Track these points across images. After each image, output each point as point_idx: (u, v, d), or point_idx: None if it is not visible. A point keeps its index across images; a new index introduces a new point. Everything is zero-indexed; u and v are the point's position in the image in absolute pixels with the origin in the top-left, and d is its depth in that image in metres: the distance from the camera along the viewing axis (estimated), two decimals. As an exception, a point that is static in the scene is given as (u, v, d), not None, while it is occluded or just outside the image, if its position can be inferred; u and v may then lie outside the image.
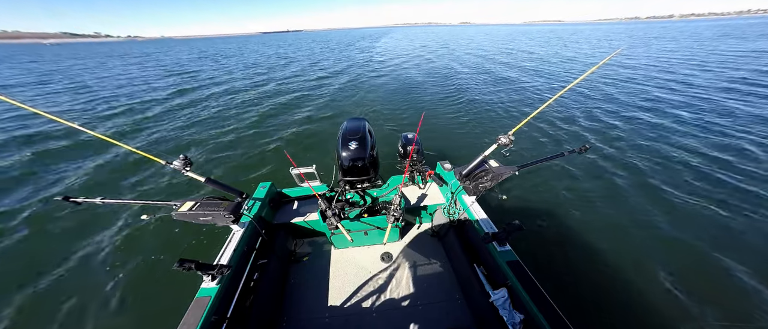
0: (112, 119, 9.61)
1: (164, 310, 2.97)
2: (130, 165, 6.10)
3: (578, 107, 8.64)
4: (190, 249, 3.79)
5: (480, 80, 13.14)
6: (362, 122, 2.88)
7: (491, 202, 4.17)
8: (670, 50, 20.83)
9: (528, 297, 1.67)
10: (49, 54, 47.63)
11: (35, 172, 6.00)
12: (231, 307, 1.96)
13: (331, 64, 20.64)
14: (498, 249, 1.99)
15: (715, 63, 14.76)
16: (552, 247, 3.51)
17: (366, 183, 2.71)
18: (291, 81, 15.06)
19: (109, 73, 20.78)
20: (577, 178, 4.91)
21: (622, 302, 2.89)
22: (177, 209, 2.02)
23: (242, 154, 6.54)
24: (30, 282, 3.40)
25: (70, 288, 3.32)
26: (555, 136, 6.72)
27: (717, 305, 2.79)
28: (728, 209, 3.98)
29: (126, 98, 12.49)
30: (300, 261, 2.79)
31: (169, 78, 17.40)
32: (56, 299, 3.19)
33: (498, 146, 2.26)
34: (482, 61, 18.90)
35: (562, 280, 3.06)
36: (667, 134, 6.51)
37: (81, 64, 27.91)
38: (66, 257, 3.76)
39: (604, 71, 13.44)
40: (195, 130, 8.22)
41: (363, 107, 9.89)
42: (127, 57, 36.84)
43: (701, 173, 4.88)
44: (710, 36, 31.34)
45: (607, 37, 38.69)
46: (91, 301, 3.16)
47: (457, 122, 8.05)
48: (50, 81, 17.69)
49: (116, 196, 5.12)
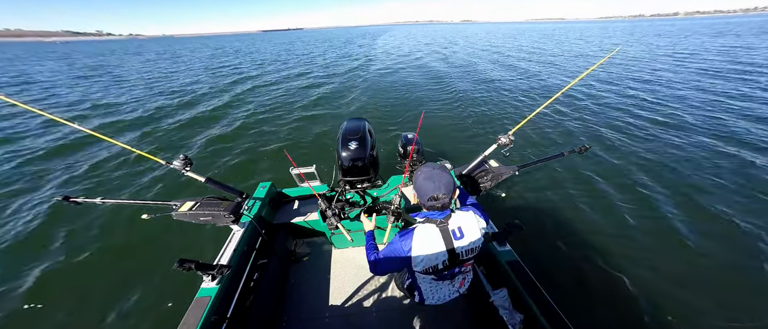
0: (112, 119, 9.61)
1: (164, 310, 2.98)
2: (130, 165, 6.09)
3: (578, 106, 8.64)
4: (190, 249, 3.79)
5: (480, 80, 13.13)
6: (362, 122, 2.88)
7: (491, 202, 4.17)
8: (670, 49, 20.85)
9: (528, 297, 1.67)
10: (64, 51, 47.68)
11: (34, 172, 6.00)
12: (231, 307, 1.96)
13: (331, 64, 20.63)
14: (498, 249, 1.99)
15: (715, 62, 14.77)
16: (552, 247, 3.51)
17: (366, 183, 2.72)
18: (291, 81, 15.06)
19: (146, 70, 20.76)
20: (578, 178, 4.91)
21: (623, 302, 2.89)
22: (177, 209, 2.02)
23: (242, 154, 6.54)
24: (29, 282, 3.39)
25: (69, 288, 3.31)
26: (555, 136, 6.73)
27: (719, 305, 2.80)
28: (732, 210, 3.97)
29: (128, 97, 12.50)
30: (300, 261, 2.79)
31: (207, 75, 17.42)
32: (56, 299, 3.19)
33: (498, 146, 2.26)
34: (482, 61, 18.90)
35: (562, 280, 3.06)
36: (668, 133, 6.51)
37: (111, 62, 27.80)
38: (65, 257, 3.76)
39: (605, 71, 13.44)
40: (195, 130, 8.22)
41: (363, 107, 9.89)
42: (142, 55, 36.85)
43: (702, 172, 4.88)
44: (711, 33, 31.39)
45: (607, 34, 38.73)
46: (90, 301, 3.16)
47: (457, 121, 8.05)
48: (92, 76, 17.86)
49: (116, 196, 5.12)
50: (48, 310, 3.08)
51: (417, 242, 1.26)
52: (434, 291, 1.46)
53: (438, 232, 1.25)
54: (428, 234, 1.26)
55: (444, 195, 1.21)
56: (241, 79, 16.32)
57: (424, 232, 1.27)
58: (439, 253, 1.26)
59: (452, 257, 1.27)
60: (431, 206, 1.26)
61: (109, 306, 3.10)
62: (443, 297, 1.48)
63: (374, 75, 15.69)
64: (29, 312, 3.07)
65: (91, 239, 4.06)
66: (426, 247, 1.26)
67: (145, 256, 3.71)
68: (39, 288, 3.32)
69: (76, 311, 3.06)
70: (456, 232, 1.27)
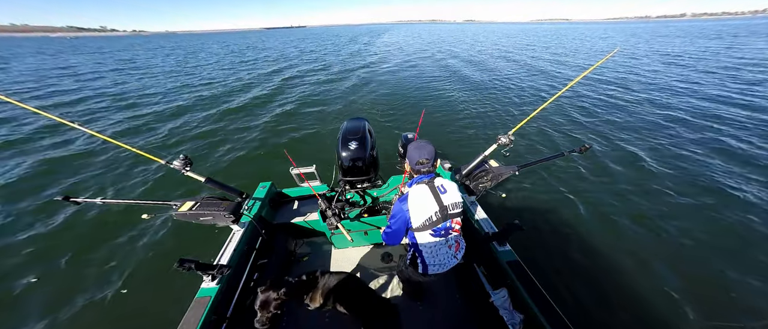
0: (112, 119, 9.60)
1: (164, 310, 2.97)
2: (129, 165, 6.08)
3: (578, 106, 8.64)
4: (190, 248, 3.79)
5: (480, 79, 13.13)
6: (362, 122, 2.88)
7: (491, 202, 4.16)
8: (670, 47, 20.85)
9: (528, 297, 1.67)
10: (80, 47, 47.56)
11: (34, 172, 5.99)
12: (231, 307, 1.96)
13: (331, 63, 20.61)
14: (498, 249, 1.99)
15: (715, 62, 14.77)
16: (552, 247, 3.51)
17: (366, 183, 2.71)
18: (291, 80, 15.05)
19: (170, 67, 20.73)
20: (578, 178, 4.91)
21: (623, 302, 2.89)
22: (177, 209, 2.02)
23: (242, 154, 6.54)
24: (29, 282, 3.40)
25: (68, 288, 3.31)
26: (555, 136, 6.72)
27: (719, 306, 2.80)
28: (734, 211, 3.96)
29: (129, 96, 12.49)
30: (300, 261, 2.79)
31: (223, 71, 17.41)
32: (55, 299, 3.19)
33: (498, 146, 2.26)
34: (483, 61, 18.90)
35: (562, 280, 3.06)
36: (669, 132, 6.51)
37: (135, 56, 27.73)
38: (65, 257, 3.76)
39: (605, 70, 13.44)
40: (195, 130, 8.22)
41: (363, 107, 9.89)
42: (162, 49, 36.65)
43: (703, 172, 4.88)
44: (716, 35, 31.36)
45: (609, 35, 38.75)
46: (90, 301, 3.16)
47: (458, 121, 8.05)
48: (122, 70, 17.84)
49: (116, 196, 5.12)
50: (47, 310, 3.07)
51: (412, 200, 1.54)
52: (434, 254, 1.61)
53: (427, 189, 1.53)
54: (420, 192, 1.53)
55: (427, 160, 1.56)
56: (241, 79, 16.32)
57: (417, 191, 1.55)
58: (431, 206, 1.51)
59: (442, 208, 1.51)
60: (418, 170, 1.59)
61: (109, 306, 3.10)
62: (443, 263, 1.62)
63: (375, 74, 15.68)
64: (28, 311, 3.07)
65: (90, 239, 4.06)
66: (420, 202, 1.52)
67: (145, 256, 3.71)
68: (38, 288, 3.32)
69: (76, 311, 3.06)
70: (440, 188, 1.56)
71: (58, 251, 3.87)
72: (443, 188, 1.58)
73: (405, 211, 1.55)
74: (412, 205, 1.53)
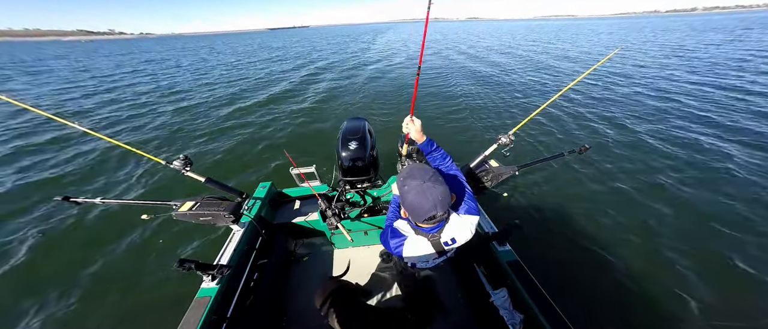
0: (112, 118, 9.61)
1: (164, 310, 2.97)
2: (129, 165, 6.09)
3: (579, 106, 8.63)
4: (190, 249, 3.79)
5: (481, 79, 13.12)
6: (362, 122, 2.87)
7: (491, 202, 4.16)
8: (670, 46, 20.80)
9: (528, 297, 1.67)
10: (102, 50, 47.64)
11: (34, 172, 6.00)
12: (231, 307, 1.96)
13: (331, 63, 20.61)
14: (498, 249, 1.99)
15: (716, 61, 14.75)
16: (552, 247, 3.51)
17: (366, 183, 2.71)
18: (290, 80, 15.05)
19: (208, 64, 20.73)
20: (578, 178, 4.91)
21: (623, 302, 2.89)
22: (177, 209, 2.01)
23: (242, 154, 6.54)
24: (28, 282, 3.40)
25: (68, 288, 3.31)
26: (555, 136, 6.72)
27: (719, 306, 2.80)
28: (734, 210, 3.96)
29: (128, 97, 12.50)
30: (300, 261, 2.79)
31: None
32: (55, 298, 3.19)
33: (498, 145, 2.25)
34: (484, 60, 18.87)
35: (562, 280, 3.06)
36: (670, 132, 6.50)
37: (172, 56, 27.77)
38: (64, 257, 3.77)
39: (605, 70, 13.42)
40: (195, 129, 8.22)
41: (363, 107, 9.88)
42: (184, 50, 36.56)
43: (704, 172, 4.88)
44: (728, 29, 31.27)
45: (612, 31, 38.67)
46: (89, 301, 3.16)
47: (457, 121, 8.05)
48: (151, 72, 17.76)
49: (116, 196, 5.12)
50: (46, 310, 3.07)
51: (407, 251, 1.24)
52: (424, 260, 1.44)
53: (429, 244, 1.20)
54: (419, 246, 1.22)
55: (442, 214, 1.04)
56: (241, 79, 16.31)
57: (415, 246, 1.21)
58: (429, 255, 1.26)
59: (441, 253, 1.28)
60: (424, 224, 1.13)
61: (109, 306, 3.11)
62: (430, 262, 1.44)
63: (375, 74, 15.67)
64: (28, 311, 3.07)
65: (90, 239, 4.06)
66: (416, 253, 1.25)
67: (145, 256, 3.71)
68: (38, 288, 3.33)
69: (76, 311, 3.07)
70: (448, 242, 1.20)
71: (58, 251, 3.87)
72: (452, 241, 1.20)
73: (394, 252, 1.28)
74: (407, 254, 1.25)
